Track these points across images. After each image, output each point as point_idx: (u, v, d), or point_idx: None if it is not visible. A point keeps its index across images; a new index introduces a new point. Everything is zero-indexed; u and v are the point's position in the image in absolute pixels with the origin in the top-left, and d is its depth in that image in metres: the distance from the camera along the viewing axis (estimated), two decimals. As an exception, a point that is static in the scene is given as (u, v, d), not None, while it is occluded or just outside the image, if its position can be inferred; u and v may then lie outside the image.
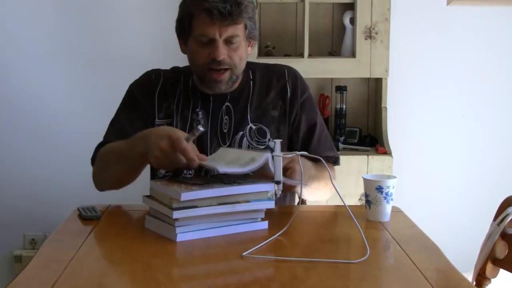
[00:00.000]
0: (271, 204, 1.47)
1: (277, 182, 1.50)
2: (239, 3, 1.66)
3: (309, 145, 1.83)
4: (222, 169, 1.43)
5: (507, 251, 1.53)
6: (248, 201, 1.45)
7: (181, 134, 1.48)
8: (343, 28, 2.91)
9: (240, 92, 1.82)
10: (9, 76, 2.92)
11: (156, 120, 1.79)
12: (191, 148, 1.47)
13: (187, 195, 1.37)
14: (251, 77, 1.85)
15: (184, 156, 1.46)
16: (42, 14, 2.90)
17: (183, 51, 1.80)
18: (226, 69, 1.72)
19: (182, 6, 1.75)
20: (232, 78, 1.75)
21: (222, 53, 1.68)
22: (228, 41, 1.69)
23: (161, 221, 1.43)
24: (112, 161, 1.69)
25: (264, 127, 1.80)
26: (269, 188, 1.47)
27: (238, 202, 1.43)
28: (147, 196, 1.50)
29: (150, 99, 1.80)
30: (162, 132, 1.51)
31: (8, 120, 2.96)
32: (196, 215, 1.39)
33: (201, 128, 1.49)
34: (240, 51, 1.73)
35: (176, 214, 1.36)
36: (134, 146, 1.60)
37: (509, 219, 1.53)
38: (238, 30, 1.69)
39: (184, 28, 1.73)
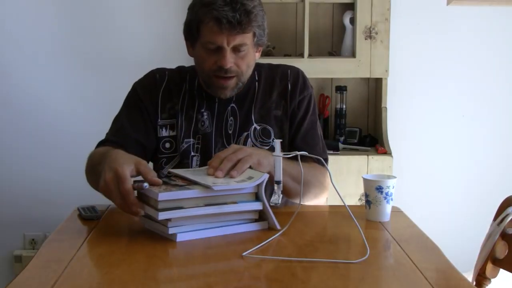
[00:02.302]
0: (259, 206, 1.45)
1: (277, 182, 1.50)
2: (249, 12, 1.64)
3: (293, 143, 1.81)
4: (217, 187, 1.39)
5: (507, 251, 1.53)
6: (235, 202, 1.43)
7: (128, 174, 1.37)
8: (343, 28, 2.91)
9: (245, 94, 1.81)
10: (9, 76, 2.92)
11: (159, 120, 1.79)
12: (132, 192, 1.37)
13: (165, 195, 1.36)
14: (257, 78, 1.84)
15: (124, 199, 1.37)
16: (42, 14, 2.91)
17: (190, 54, 1.79)
18: (232, 76, 1.71)
19: (190, 11, 1.72)
20: (238, 84, 1.74)
21: (229, 61, 1.67)
22: (236, 49, 1.68)
23: (155, 221, 1.42)
24: (91, 170, 1.67)
25: (268, 127, 1.79)
26: (250, 190, 1.45)
27: (226, 203, 1.42)
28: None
29: (153, 99, 1.79)
30: (116, 163, 1.39)
31: (8, 120, 2.96)
32: (181, 216, 1.37)
33: (145, 185, 1.37)
34: (248, 59, 1.72)
35: (162, 215, 1.35)
36: (100, 163, 1.51)
37: (509, 219, 1.53)
38: (246, 39, 1.68)
39: (192, 32, 1.71)
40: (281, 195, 1.52)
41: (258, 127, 1.79)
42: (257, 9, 1.67)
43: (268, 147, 1.77)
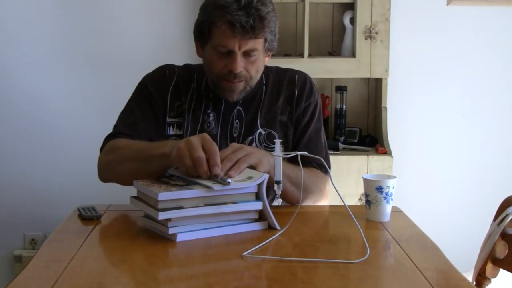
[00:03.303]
0: (259, 205, 1.45)
1: (277, 182, 1.49)
2: (263, 18, 1.63)
3: (296, 149, 1.79)
4: (217, 187, 1.39)
5: (507, 251, 1.53)
6: (235, 202, 1.43)
7: (212, 146, 1.44)
8: (343, 28, 2.91)
9: (252, 97, 1.80)
10: (9, 76, 2.92)
11: (167, 118, 1.78)
12: (204, 159, 1.42)
13: (165, 195, 1.36)
14: (264, 82, 1.83)
15: (195, 165, 1.42)
16: (42, 14, 2.91)
17: (199, 55, 1.78)
18: (241, 80, 1.70)
19: (203, 11, 1.71)
20: (246, 88, 1.73)
21: (240, 66, 1.67)
22: (247, 54, 1.67)
23: (155, 221, 1.42)
24: (130, 157, 1.64)
25: (274, 132, 1.78)
26: (250, 190, 1.45)
27: (225, 203, 1.42)
28: (135, 197, 1.49)
29: (163, 96, 1.78)
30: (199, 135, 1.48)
31: (8, 120, 2.96)
32: (181, 216, 1.37)
33: (229, 180, 1.41)
34: (258, 64, 1.71)
35: (162, 215, 1.35)
36: (162, 146, 1.56)
37: (509, 219, 1.53)
38: (258, 44, 1.67)
39: (203, 33, 1.70)
40: (279, 194, 1.51)
41: (263, 132, 1.78)
42: (270, 15, 1.67)
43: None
